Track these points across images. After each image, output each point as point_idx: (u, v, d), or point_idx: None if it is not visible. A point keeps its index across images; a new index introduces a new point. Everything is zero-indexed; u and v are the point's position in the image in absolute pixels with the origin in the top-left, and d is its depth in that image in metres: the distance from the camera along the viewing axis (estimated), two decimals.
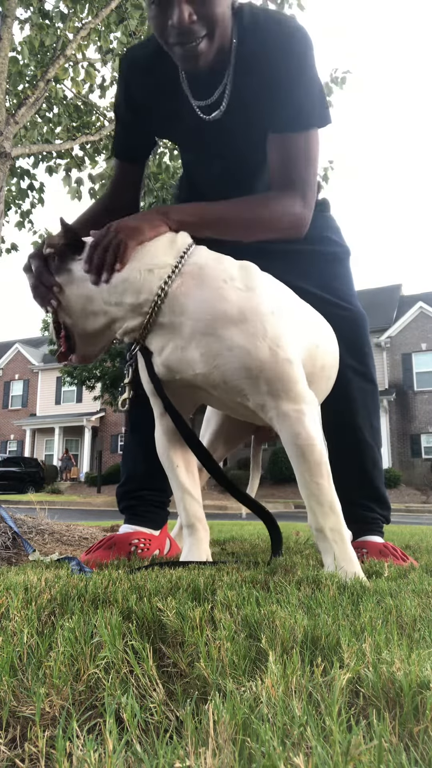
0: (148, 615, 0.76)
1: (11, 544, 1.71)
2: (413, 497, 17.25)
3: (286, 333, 1.18)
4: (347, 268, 1.71)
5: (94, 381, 17.80)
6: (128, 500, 1.67)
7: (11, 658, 0.59)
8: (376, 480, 1.66)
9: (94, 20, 4.43)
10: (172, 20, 1.23)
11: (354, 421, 1.63)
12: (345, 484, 1.69)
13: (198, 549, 1.30)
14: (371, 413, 1.65)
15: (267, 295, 1.20)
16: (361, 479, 1.65)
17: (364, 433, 1.63)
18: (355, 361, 1.61)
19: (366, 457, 1.64)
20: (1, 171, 3.79)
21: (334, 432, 1.69)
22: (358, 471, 1.65)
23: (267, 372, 1.13)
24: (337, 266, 1.67)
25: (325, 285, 1.61)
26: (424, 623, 0.78)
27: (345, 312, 1.61)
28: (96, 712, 0.54)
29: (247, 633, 0.70)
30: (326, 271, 1.64)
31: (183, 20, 1.22)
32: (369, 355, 1.66)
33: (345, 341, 1.57)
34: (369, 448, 1.64)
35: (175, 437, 1.35)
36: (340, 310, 1.60)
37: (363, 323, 1.65)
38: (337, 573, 1.09)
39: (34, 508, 2.67)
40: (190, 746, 0.43)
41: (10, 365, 29.85)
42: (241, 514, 1.89)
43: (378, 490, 1.66)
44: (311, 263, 1.62)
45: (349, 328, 1.60)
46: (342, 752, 0.41)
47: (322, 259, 1.64)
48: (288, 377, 1.15)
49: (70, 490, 21.66)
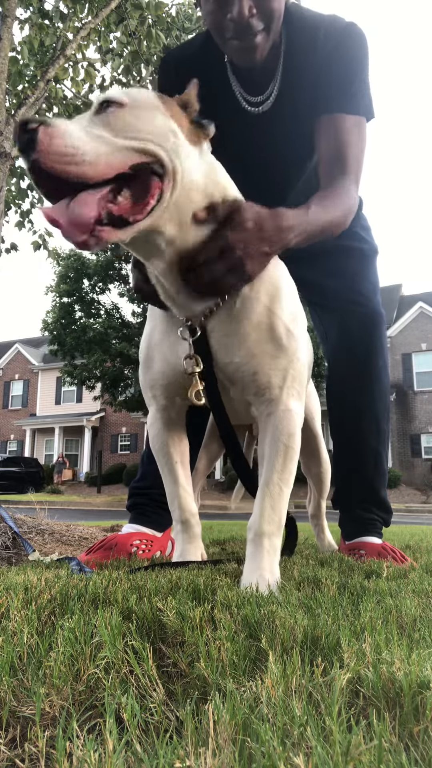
0: (148, 615, 0.76)
1: (11, 544, 1.70)
2: (413, 497, 17.25)
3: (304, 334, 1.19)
4: (374, 266, 1.68)
5: (94, 381, 17.79)
6: (136, 497, 1.67)
7: (11, 658, 0.59)
8: (377, 483, 1.65)
9: (94, 20, 4.43)
10: (231, 14, 1.25)
11: (361, 424, 1.62)
12: (347, 486, 1.69)
13: (192, 546, 1.31)
14: (380, 416, 1.63)
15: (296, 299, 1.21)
16: (363, 482, 1.65)
17: (370, 436, 1.62)
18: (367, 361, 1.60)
19: (369, 461, 1.63)
20: (1, 171, 3.79)
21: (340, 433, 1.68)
22: (360, 474, 1.64)
23: (292, 364, 1.13)
24: (364, 263, 1.65)
25: (348, 281, 1.60)
26: (424, 623, 0.78)
27: (363, 309, 1.59)
28: (96, 712, 0.54)
29: (247, 633, 0.70)
30: (350, 267, 1.62)
31: (243, 14, 1.24)
32: (382, 356, 1.63)
33: (360, 340, 1.56)
34: (374, 452, 1.63)
35: (174, 431, 1.33)
36: (359, 307, 1.58)
37: (380, 323, 1.62)
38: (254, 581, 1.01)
39: (34, 508, 2.67)
40: (190, 746, 0.43)
41: (10, 365, 29.84)
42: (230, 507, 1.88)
43: (379, 493, 1.65)
44: (337, 258, 1.60)
45: (365, 326, 1.58)
46: (342, 752, 0.41)
47: (350, 255, 1.62)
48: (303, 375, 1.16)
49: (70, 490, 21.66)
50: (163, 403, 1.30)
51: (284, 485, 1.11)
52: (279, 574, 1.07)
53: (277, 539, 1.09)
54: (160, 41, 4.83)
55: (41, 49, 4.94)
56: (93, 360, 17.02)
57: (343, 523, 1.71)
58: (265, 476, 1.12)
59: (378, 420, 1.63)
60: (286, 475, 1.11)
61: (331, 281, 1.59)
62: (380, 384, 1.64)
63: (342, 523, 1.71)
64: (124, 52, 5.04)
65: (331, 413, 1.69)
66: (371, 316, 1.60)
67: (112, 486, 21.41)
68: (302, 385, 1.16)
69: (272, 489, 1.10)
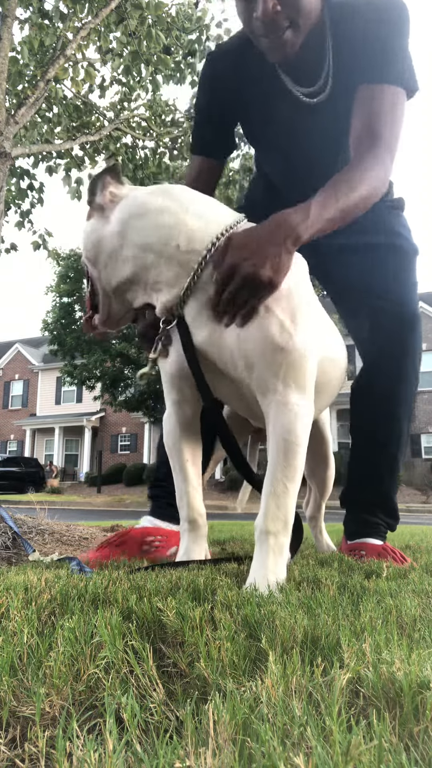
0: (148, 615, 0.76)
1: (11, 544, 1.70)
2: (413, 497, 17.24)
3: (311, 329, 1.15)
4: (414, 267, 1.64)
5: (94, 381, 17.80)
6: (155, 488, 1.67)
7: (11, 658, 0.59)
8: (390, 489, 1.62)
9: (93, 20, 4.43)
10: (256, 12, 1.25)
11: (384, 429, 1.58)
12: (358, 488, 1.66)
13: (198, 546, 1.30)
14: (403, 423, 1.58)
15: (305, 286, 1.18)
16: (375, 486, 1.62)
17: (391, 443, 1.58)
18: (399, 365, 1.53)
19: (385, 466, 1.60)
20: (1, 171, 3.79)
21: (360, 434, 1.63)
22: (374, 479, 1.61)
23: (288, 356, 1.09)
24: (404, 262, 1.61)
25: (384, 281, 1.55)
26: (424, 623, 0.77)
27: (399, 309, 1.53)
28: (96, 712, 0.54)
29: (247, 633, 0.70)
30: (390, 266, 1.57)
31: (267, 11, 1.24)
32: (414, 361, 1.56)
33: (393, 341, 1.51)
34: (392, 458, 1.59)
35: (187, 428, 1.31)
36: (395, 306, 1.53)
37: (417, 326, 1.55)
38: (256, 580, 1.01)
39: (34, 508, 2.67)
40: (190, 746, 0.43)
41: (10, 365, 29.86)
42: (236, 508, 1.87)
43: (389, 499, 1.63)
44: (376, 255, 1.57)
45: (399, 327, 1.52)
46: (342, 752, 0.41)
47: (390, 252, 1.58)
48: (302, 368, 1.11)
49: (70, 490, 21.66)
50: (174, 397, 1.29)
51: (289, 482, 1.07)
52: (284, 574, 1.05)
53: (284, 538, 1.06)
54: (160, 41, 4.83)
55: (41, 49, 4.93)
56: (93, 360, 17.02)
57: (347, 522, 1.69)
58: (269, 473, 1.09)
59: (401, 427, 1.58)
60: (290, 472, 1.07)
61: (368, 279, 1.54)
62: (408, 389, 1.58)
63: (346, 523, 1.69)
64: (124, 52, 5.04)
65: (353, 413, 1.65)
66: (407, 318, 1.53)
67: (112, 486, 21.41)
68: (303, 377, 1.11)
69: (276, 486, 1.07)
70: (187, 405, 1.30)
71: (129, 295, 1.24)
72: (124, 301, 1.26)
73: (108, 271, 1.22)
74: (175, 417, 1.31)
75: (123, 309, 1.28)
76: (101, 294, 1.27)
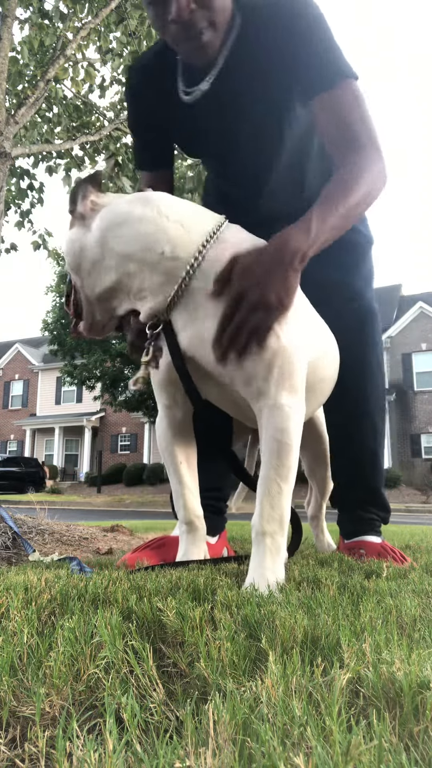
0: (148, 615, 0.76)
1: (11, 544, 1.71)
2: (413, 497, 17.24)
3: (300, 329, 1.15)
4: (368, 257, 1.63)
5: (94, 381, 17.80)
6: None
7: (11, 658, 0.59)
8: (375, 482, 1.65)
9: (93, 20, 4.43)
10: (171, 15, 1.19)
11: (356, 424, 1.61)
12: (345, 486, 1.69)
13: (196, 547, 1.30)
14: (375, 415, 1.62)
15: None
16: (361, 482, 1.65)
17: (366, 436, 1.61)
18: (361, 359, 1.57)
19: (367, 460, 1.63)
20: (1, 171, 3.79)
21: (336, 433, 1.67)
22: (358, 474, 1.64)
23: (277, 358, 1.09)
24: (356, 255, 1.61)
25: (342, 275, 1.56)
26: (424, 623, 0.77)
27: (356, 305, 1.55)
28: (96, 712, 0.54)
29: (247, 633, 0.70)
30: (344, 261, 1.57)
31: (182, 10, 1.18)
32: (375, 354, 1.60)
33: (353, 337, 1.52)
34: (371, 451, 1.62)
35: (179, 431, 1.31)
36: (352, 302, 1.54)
37: (372, 319, 1.58)
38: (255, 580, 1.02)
39: (34, 508, 2.67)
40: (190, 746, 0.43)
41: (10, 365, 29.86)
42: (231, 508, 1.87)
43: (377, 493, 1.65)
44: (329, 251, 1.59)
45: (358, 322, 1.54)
46: (342, 752, 0.41)
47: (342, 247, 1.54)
48: (292, 368, 1.11)
49: (70, 490, 21.66)
50: (165, 401, 1.30)
51: (282, 482, 1.08)
52: (283, 573, 1.05)
53: (280, 537, 1.06)
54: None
55: (41, 49, 4.94)
56: (93, 360, 17.02)
57: (341, 522, 1.71)
58: (263, 474, 1.10)
59: (373, 419, 1.61)
60: (284, 472, 1.08)
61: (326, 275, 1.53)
62: (374, 382, 1.61)
63: (341, 523, 1.71)
64: (124, 52, 5.03)
65: (326, 413, 1.68)
66: (364, 312, 1.56)
67: (112, 486, 21.41)
68: (295, 377, 1.11)
69: (270, 487, 1.08)
70: (177, 408, 1.29)
71: (112, 302, 1.23)
72: (107, 308, 1.25)
73: (91, 280, 1.21)
74: (166, 420, 1.32)
75: (107, 316, 1.26)
76: (84, 302, 1.26)
